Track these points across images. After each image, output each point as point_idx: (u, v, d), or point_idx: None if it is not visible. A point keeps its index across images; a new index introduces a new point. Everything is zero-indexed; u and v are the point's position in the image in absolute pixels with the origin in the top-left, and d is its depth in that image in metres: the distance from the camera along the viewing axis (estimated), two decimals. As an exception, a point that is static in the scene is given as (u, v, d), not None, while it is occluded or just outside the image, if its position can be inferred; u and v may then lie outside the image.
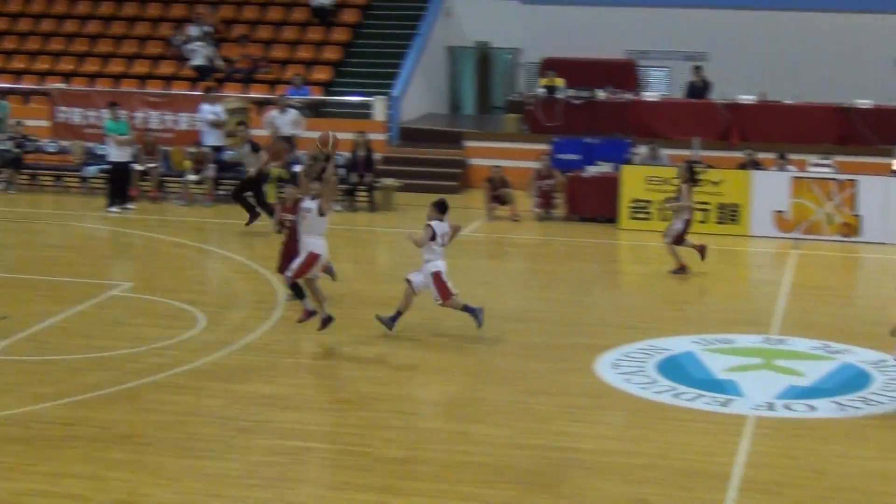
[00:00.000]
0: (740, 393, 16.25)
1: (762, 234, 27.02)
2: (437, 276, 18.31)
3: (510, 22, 38.93)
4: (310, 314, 18.04)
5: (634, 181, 27.80)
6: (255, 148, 27.59)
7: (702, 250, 23.37)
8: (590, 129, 32.06)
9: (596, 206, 28.55)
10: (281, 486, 12.90)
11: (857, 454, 14.24)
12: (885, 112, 32.27)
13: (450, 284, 18.45)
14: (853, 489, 13.18)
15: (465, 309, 18.56)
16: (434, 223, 18.39)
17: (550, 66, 34.78)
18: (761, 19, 37.96)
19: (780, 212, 27.22)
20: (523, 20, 38.73)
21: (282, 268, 19.59)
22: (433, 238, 18.31)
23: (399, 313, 18.49)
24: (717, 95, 33.78)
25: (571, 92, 33.35)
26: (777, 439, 14.64)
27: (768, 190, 27.03)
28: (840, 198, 27.17)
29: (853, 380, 16.90)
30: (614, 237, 27.17)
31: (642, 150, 30.25)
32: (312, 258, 17.71)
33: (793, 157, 29.18)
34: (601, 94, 33.18)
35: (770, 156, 29.18)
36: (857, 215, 26.95)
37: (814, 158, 29.30)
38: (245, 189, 27.17)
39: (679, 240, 23.17)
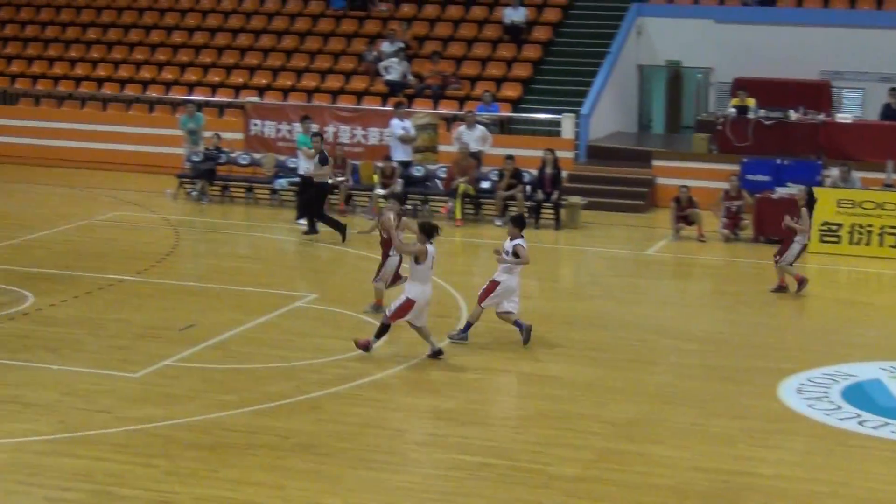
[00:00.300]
0: (930, 422, 15.87)
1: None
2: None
3: (702, 41, 38.56)
4: (366, 347, 18.16)
5: (825, 204, 27.26)
6: (324, 160, 27.75)
7: (801, 282, 22.89)
8: (780, 150, 31.59)
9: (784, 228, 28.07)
10: (456, 500, 12.97)
11: None
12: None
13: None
14: None
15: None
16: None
17: (741, 85, 34.35)
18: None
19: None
20: (715, 39, 38.32)
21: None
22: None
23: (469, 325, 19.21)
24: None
25: (762, 112, 32.88)
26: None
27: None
28: None
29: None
30: (802, 260, 26.71)
31: (834, 172, 29.67)
32: (409, 304, 17.95)
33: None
34: (793, 115, 32.66)
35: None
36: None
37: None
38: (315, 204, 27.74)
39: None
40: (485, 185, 30.54)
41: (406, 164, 31.37)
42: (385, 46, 37.76)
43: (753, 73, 35.49)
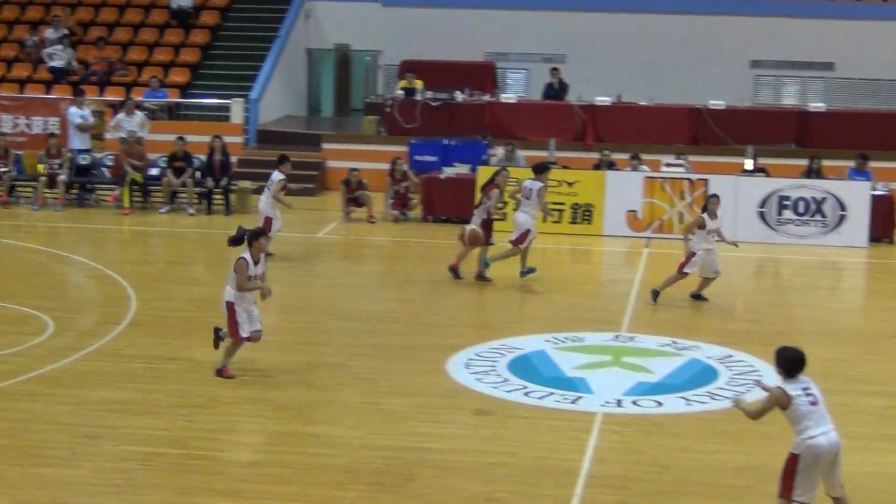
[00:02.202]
0: (590, 390, 16.42)
1: (615, 233, 27.33)
2: None
3: (369, 24, 38.94)
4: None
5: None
6: None
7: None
8: (447, 131, 32.19)
9: (452, 207, 28.66)
10: (128, 491, 12.75)
11: (703, 448, 14.45)
12: (737, 113, 32.83)
13: None
14: (698, 482, 13.37)
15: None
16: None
17: (409, 68, 34.85)
18: (617, 22, 38.39)
19: (632, 211, 27.57)
20: (382, 22, 38.76)
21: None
22: None
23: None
24: (573, 97, 34.08)
25: (430, 94, 33.45)
26: (624, 435, 14.81)
27: (621, 190, 27.36)
28: (691, 197, 27.60)
29: (700, 375, 17.14)
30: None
31: (499, 151, 30.41)
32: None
33: (647, 157, 29.55)
34: (459, 96, 33.31)
35: (624, 156, 29.51)
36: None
37: (667, 159, 29.69)
38: None
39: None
40: (153, 172, 30.13)
41: (81, 152, 30.60)
42: (49, 33, 36.84)
43: (420, 55, 36.06)
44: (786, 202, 27.50)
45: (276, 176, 24.26)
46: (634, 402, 15.97)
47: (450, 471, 13.51)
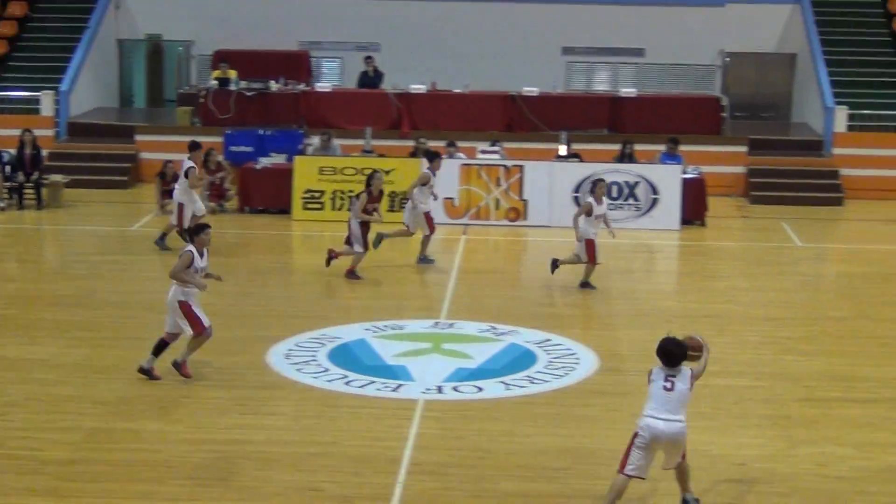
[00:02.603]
0: (410, 378, 16.52)
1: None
2: None
3: (181, 14, 38.52)
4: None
5: (307, 172, 27.91)
6: None
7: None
8: (262, 121, 32.04)
9: (269, 197, 28.58)
10: (-60, 494, 12.49)
11: (523, 432, 14.64)
12: (550, 99, 33.25)
13: None
14: (518, 466, 13.54)
15: None
16: None
17: (223, 58, 34.56)
18: (431, 9, 38.51)
19: (449, 198, 27.76)
20: (195, 12, 38.37)
21: None
22: None
23: None
24: (388, 85, 34.16)
25: (244, 84, 33.24)
26: (445, 421, 14.94)
27: (438, 178, 27.39)
28: (507, 183, 27.89)
29: (519, 360, 17.36)
30: (287, 228, 27.22)
31: (315, 140, 30.36)
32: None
33: (463, 144, 29.76)
34: (274, 86, 33.16)
35: (440, 144, 29.65)
36: (523, 200, 27.71)
37: (483, 146, 29.94)
38: None
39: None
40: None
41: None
42: None
43: (234, 44, 35.79)
44: (600, 187, 27.93)
45: (186, 164, 24.31)
46: (455, 389, 16.12)
47: (272, 462, 13.49)
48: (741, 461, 13.19)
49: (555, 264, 22.00)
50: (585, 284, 21.83)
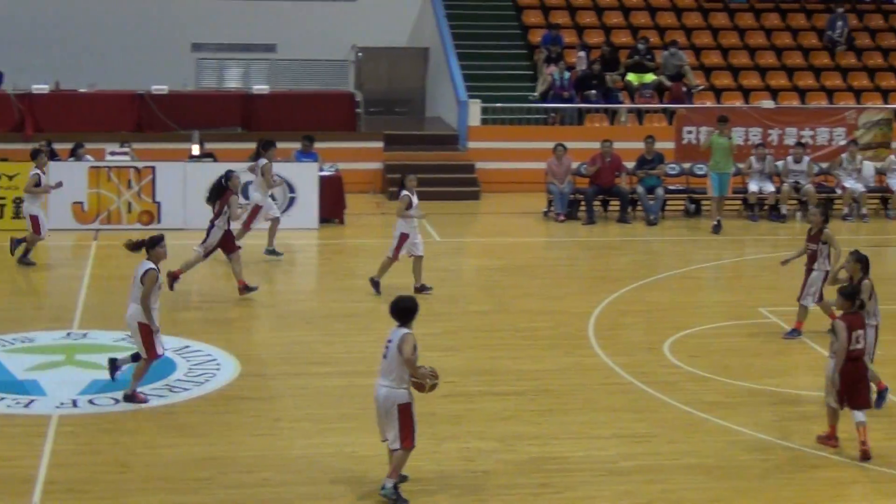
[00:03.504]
0: (43, 392, 16.18)
1: (61, 226, 26.62)
2: None
3: None
4: None
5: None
6: None
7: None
8: None
9: None
10: None
11: (164, 442, 14.53)
12: (180, 98, 32.94)
13: None
14: (160, 478, 13.44)
15: None
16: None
17: None
18: (49, 4, 37.61)
19: (78, 203, 27.20)
20: None
21: None
22: None
23: None
24: (8, 86, 33.17)
25: None
26: (82, 436, 14.71)
27: (65, 181, 26.76)
28: (139, 186, 27.53)
29: (157, 368, 17.12)
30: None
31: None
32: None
33: (91, 146, 29.17)
34: None
35: (67, 146, 28.99)
36: (156, 202, 27.39)
37: (112, 147, 29.41)
38: None
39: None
40: None
41: None
42: None
43: None
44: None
45: (32, 171, 24.00)
46: (91, 401, 15.87)
47: None
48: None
49: (374, 283, 21.91)
50: (422, 289, 21.84)
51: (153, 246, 16.03)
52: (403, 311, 12.89)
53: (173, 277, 21.22)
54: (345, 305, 21.43)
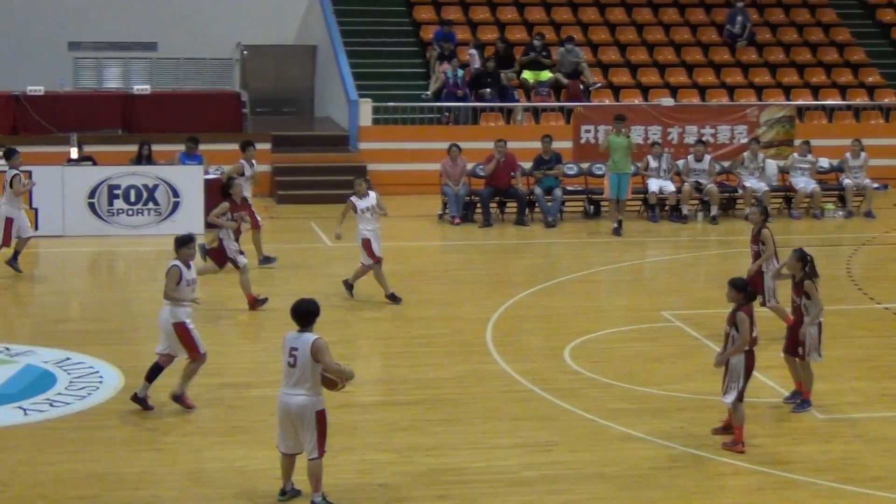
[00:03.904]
0: (-84, 409, 15.86)
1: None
2: None
3: None
4: None
5: None
6: None
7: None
8: None
9: None
10: None
11: (45, 459, 14.30)
12: (57, 99, 32.55)
13: None
14: (42, 497, 13.23)
15: None
16: None
17: None
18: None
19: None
20: None
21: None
22: None
23: None
24: None
25: None
26: (-42, 455, 14.42)
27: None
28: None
29: (37, 382, 16.92)
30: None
31: None
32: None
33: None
34: None
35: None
36: (33, 208, 26.97)
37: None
38: None
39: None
40: None
41: None
42: None
43: None
44: (116, 191, 27.58)
45: (10, 173, 23.38)
46: (-34, 418, 15.58)
47: None
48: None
49: (347, 285, 21.96)
50: (387, 293, 21.85)
51: (181, 246, 16.04)
52: (306, 314, 12.84)
53: (251, 302, 21.30)
54: (235, 314, 21.24)
